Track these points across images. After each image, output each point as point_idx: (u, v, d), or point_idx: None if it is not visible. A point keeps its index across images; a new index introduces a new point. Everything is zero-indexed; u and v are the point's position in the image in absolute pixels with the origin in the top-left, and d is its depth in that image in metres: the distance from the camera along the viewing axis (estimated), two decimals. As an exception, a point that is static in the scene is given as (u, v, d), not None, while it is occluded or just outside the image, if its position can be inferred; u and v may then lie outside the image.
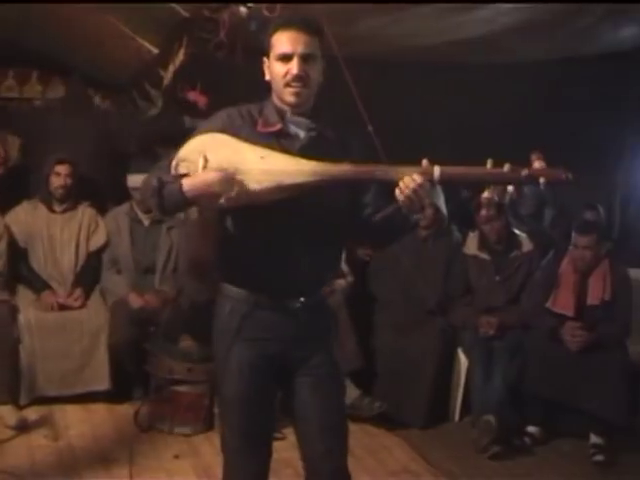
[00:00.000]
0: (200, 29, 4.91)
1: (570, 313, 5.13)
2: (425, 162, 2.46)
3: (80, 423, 4.97)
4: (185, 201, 2.59)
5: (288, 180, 2.53)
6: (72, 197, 5.55)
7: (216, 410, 4.96)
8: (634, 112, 7.03)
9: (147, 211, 5.56)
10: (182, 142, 2.64)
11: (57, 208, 5.52)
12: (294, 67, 2.57)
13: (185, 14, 5.13)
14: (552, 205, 6.71)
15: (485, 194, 2.21)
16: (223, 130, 2.66)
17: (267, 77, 2.69)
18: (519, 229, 5.86)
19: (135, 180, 5.53)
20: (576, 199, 6.92)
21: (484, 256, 5.67)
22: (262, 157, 2.56)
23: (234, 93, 5.94)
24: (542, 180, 2.39)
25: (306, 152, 2.61)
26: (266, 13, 4.20)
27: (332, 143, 2.67)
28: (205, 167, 2.56)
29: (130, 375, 5.30)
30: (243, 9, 4.60)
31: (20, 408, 5.00)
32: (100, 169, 6.00)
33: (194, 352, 5.01)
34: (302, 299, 2.73)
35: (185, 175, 2.58)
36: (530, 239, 5.77)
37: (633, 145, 7.35)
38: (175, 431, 4.88)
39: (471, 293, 5.67)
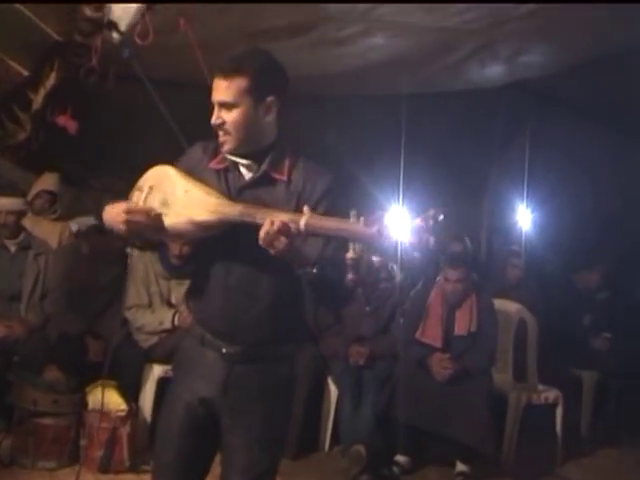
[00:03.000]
0: (72, 54, 4.81)
1: (437, 344, 5.24)
2: (305, 208, 2.34)
3: None
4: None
5: (197, 217, 2.52)
6: None
7: (82, 442, 4.86)
8: (497, 145, 7.30)
9: (12, 237, 5.40)
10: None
11: None
12: (213, 116, 2.56)
13: (58, 38, 5.02)
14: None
15: (349, 254, 2.10)
16: (188, 162, 2.70)
17: None
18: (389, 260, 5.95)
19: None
20: (445, 231, 7.09)
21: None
22: (186, 191, 2.56)
23: (105, 119, 5.92)
24: (385, 240, 2.22)
25: (244, 192, 2.59)
26: (138, 41, 4.14)
27: (278, 186, 2.60)
28: (145, 200, 2.62)
29: (-8, 407, 5.10)
30: (116, 35, 4.52)
31: None
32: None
33: (61, 383, 4.88)
34: (241, 346, 2.63)
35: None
36: (400, 269, 5.88)
37: (496, 176, 7.60)
38: (39, 465, 4.72)
39: (341, 323, 5.73)
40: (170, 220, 2.57)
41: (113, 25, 4.54)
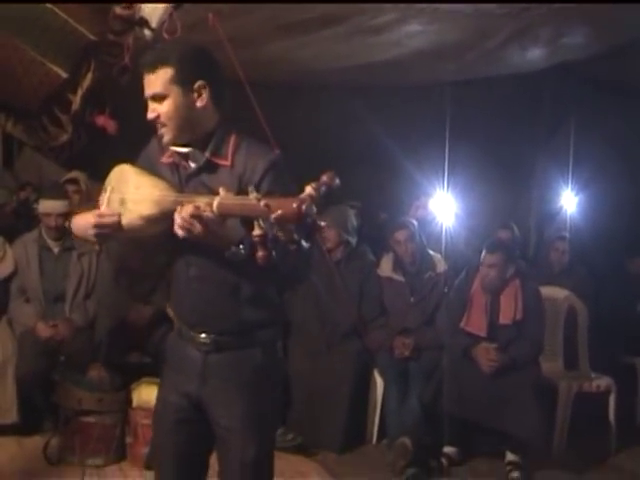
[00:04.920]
0: (105, 53, 4.83)
1: (482, 333, 5.15)
2: (221, 190, 2.34)
3: (-14, 459, 4.83)
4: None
5: (144, 212, 2.55)
6: (-22, 226, 5.42)
7: (128, 440, 4.89)
8: (543, 130, 7.18)
9: (57, 238, 5.45)
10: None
11: (-38, 237, 5.38)
12: (148, 112, 2.59)
13: (92, 37, 5.05)
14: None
15: (256, 231, 2.05)
16: (145, 158, 2.74)
17: None
18: (433, 249, 5.89)
19: (47, 205, 5.44)
20: (493, 219, 7.02)
21: (398, 277, 5.68)
22: (137, 187, 2.59)
23: (141, 118, 5.94)
24: (275, 215, 2.15)
25: (190, 181, 2.62)
26: (166, 36, 4.15)
27: (222, 170, 2.60)
28: (108, 201, 2.63)
29: (39, 407, 5.16)
30: (148, 32, 4.53)
31: None
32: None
33: (105, 382, 4.91)
34: (212, 335, 2.64)
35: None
36: (444, 259, 5.81)
37: (543, 162, 7.47)
38: (86, 463, 4.76)
39: (386, 315, 5.68)
40: (125, 218, 2.58)
41: (144, 22, 4.55)
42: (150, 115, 2.56)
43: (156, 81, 2.53)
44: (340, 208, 5.72)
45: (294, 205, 2.13)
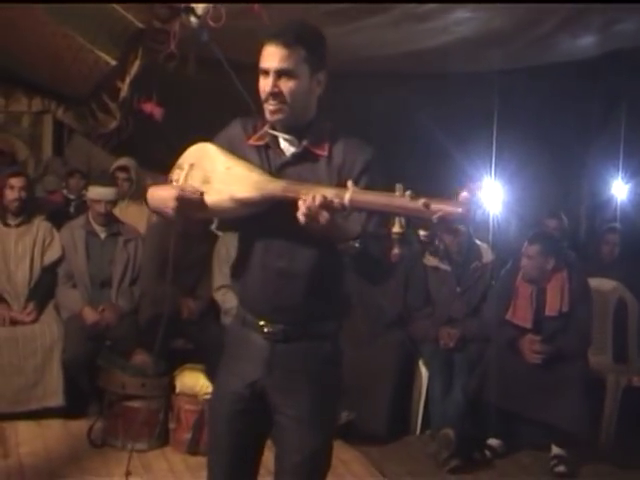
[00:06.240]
0: (152, 40, 4.86)
1: (527, 325, 5.09)
2: (349, 183, 2.28)
3: (32, 440, 4.89)
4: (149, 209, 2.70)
5: (238, 194, 2.49)
6: (27, 211, 5.47)
7: (171, 425, 4.92)
8: (597, 121, 7.05)
9: (104, 224, 5.50)
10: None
11: (11, 222, 5.43)
12: (267, 84, 2.48)
13: (140, 25, 5.08)
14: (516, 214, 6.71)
15: (395, 228, 2.01)
16: (227, 139, 2.66)
17: None
18: (480, 239, 5.82)
19: (96, 192, 5.49)
20: (542, 208, 6.92)
21: (445, 267, 5.62)
22: (227, 168, 2.53)
23: (188, 104, 5.97)
24: (436, 216, 2.13)
25: (285, 168, 2.56)
26: (211, 23, 4.15)
27: (319, 162, 2.56)
28: (186, 178, 2.58)
29: (85, 391, 5.22)
30: (194, 20, 4.54)
31: (-29, 425, 4.95)
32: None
33: (148, 367, 4.94)
34: (281, 325, 2.61)
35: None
36: (491, 249, 5.75)
37: (596, 154, 7.34)
38: (128, 447, 4.78)
39: (431, 304, 5.63)
40: (211, 198, 2.54)
41: (190, 9, 4.56)
42: (273, 89, 2.48)
43: (290, 57, 2.46)
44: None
45: (462, 207, 2.12)
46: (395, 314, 5.55)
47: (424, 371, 5.50)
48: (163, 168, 6.38)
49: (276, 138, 2.58)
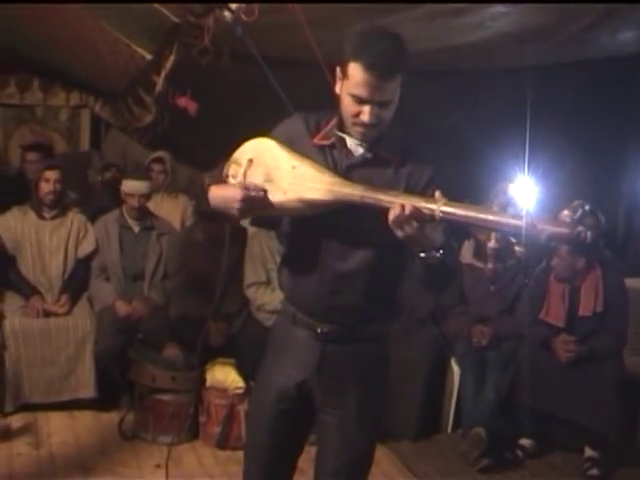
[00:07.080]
0: (187, 35, 4.85)
1: (560, 324, 5.03)
2: (438, 194, 2.26)
3: (64, 431, 4.94)
4: (208, 206, 2.59)
5: (308, 194, 2.44)
6: (61, 203, 5.51)
7: (201, 419, 4.93)
8: (636, 119, 6.92)
9: (137, 218, 5.53)
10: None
11: (46, 214, 5.47)
12: (366, 114, 2.40)
13: (175, 20, 5.09)
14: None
15: (491, 243, 1.98)
16: (287, 135, 2.59)
17: (337, 90, 2.50)
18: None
19: (130, 185, 5.51)
20: (579, 206, 6.82)
21: (479, 265, 5.57)
22: (293, 167, 2.48)
23: (221, 99, 5.96)
24: (545, 236, 2.14)
25: (352, 170, 2.51)
26: (244, 18, 4.13)
27: (388, 168, 2.52)
28: (245, 174, 2.54)
29: (116, 383, 5.26)
30: (228, 14, 4.53)
31: (5, 415, 4.99)
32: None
33: (179, 361, 4.98)
34: (334, 326, 2.59)
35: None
36: (525, 247, 5.68)
37: (635, 153, 7.22)
38: (158, 440, 4.81)
39: (465, 302, 5.58)
40: (276, 196, 2.49)
41: (224, 4, 4.55)
42: (372, 120, 2.40)
43: (390, 87, 2.40)
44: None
45: (570, 228, 2.14)
46: (427, 311, 5.50)
47: (456, 369, 5.46)
48: (197, 162, 6.44)
49: (343, 138, 2.53)
